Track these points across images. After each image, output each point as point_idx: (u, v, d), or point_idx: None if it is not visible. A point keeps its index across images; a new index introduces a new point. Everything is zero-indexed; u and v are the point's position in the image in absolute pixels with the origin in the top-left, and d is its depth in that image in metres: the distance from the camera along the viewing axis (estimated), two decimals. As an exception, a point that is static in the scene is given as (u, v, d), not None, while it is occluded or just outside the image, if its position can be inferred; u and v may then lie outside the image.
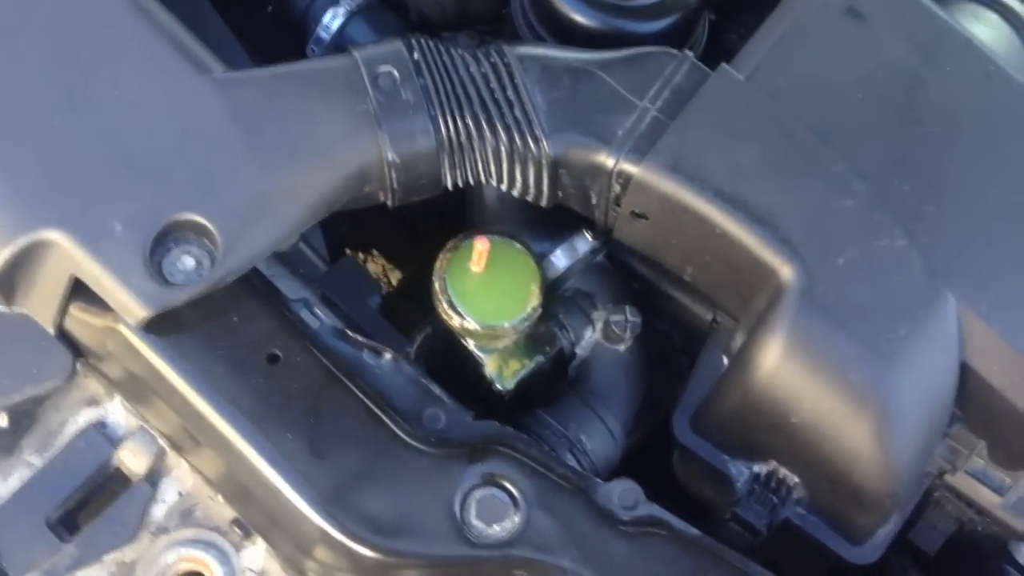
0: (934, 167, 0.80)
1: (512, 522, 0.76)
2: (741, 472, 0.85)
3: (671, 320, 0.95)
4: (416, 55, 0.80)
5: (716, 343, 0.88)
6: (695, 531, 0.79)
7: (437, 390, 0.81)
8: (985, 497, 0.84)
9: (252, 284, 0.80)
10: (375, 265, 1.61)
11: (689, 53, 0.83)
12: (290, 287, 0.83)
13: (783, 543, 0.86)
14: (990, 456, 0.84)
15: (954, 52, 0.82)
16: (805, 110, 0.80)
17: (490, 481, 0.77)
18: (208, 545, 0.80)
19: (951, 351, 0.77)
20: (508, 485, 0.77)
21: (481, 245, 0.81)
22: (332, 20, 0.97)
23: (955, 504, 0.87)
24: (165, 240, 0.75)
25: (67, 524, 0.80)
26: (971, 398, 0.80)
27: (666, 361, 0.97)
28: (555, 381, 0.89)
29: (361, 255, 1.58)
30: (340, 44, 0.98)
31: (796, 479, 0.83)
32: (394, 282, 1.54)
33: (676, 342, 0.97)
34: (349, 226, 1.22)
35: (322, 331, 0.81)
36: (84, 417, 0.82)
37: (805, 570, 0.89)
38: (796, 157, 0.79)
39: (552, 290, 0.88)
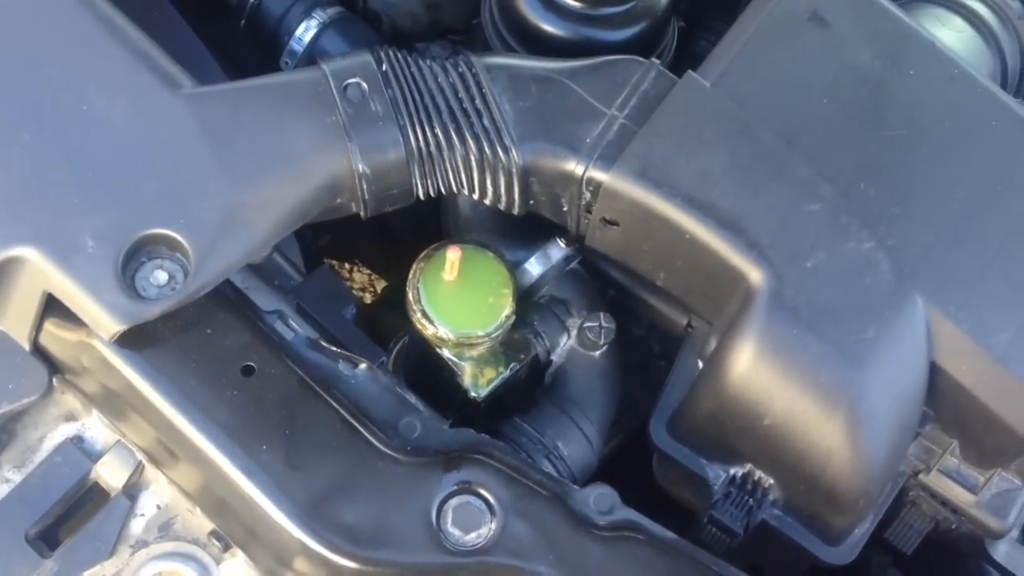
0: (900, 170, 0.80)
1: (488, 529, 0.76)
2: (718, 475, 0.85)
3: (647, 325, 0.95)
4: (384, 67, 0.80)
5: (691, 347, 0.88)
6: (671, 534, 0.79)
7: (413, 399, 0.80)
8: (959, 496, 0.84)
9: (226, 296, 0.79)
10: (361, 275, 1.60)
11: (656, 61, 0.83)
12: (264, 299, 0.82)
13: (761, 545, 0.86)
14: (963, 455, 0.84)
15: (918, 55, 0.82)
16: (771, 115, 0.80)
17: (466, 489, 0.77)
18: (188, 558, 0.80)
19: (920, 351, 0.77)
20: (484, 492, 0.77)
21: (453, 254, 0.80)
22: (305, 32, 0.97)
23: (930, 503, 0.86)
24: (137, 254, 0.75)
25: (46, 539, 0.79)
26: (942, 397, 0.79)
27: (645, 366, 0.97)
28: (531, 388, 0.89)
29: (347, 265, 1.57)
30: (313, 56, 0.98)
31: (771, 481, 0.83)
32: (379, 292, 1.54)
33: (654, 347, 0.97)
34: (331, 237, 1.22)
35: (296, 342, 0.80)
36: (62, 432, 0.81)
37: (784, 571, 0.89)
38: (763, 162, 0.79)
39: (527, 298, 0.88)
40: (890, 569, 0.98)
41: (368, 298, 1.56)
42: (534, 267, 0.88)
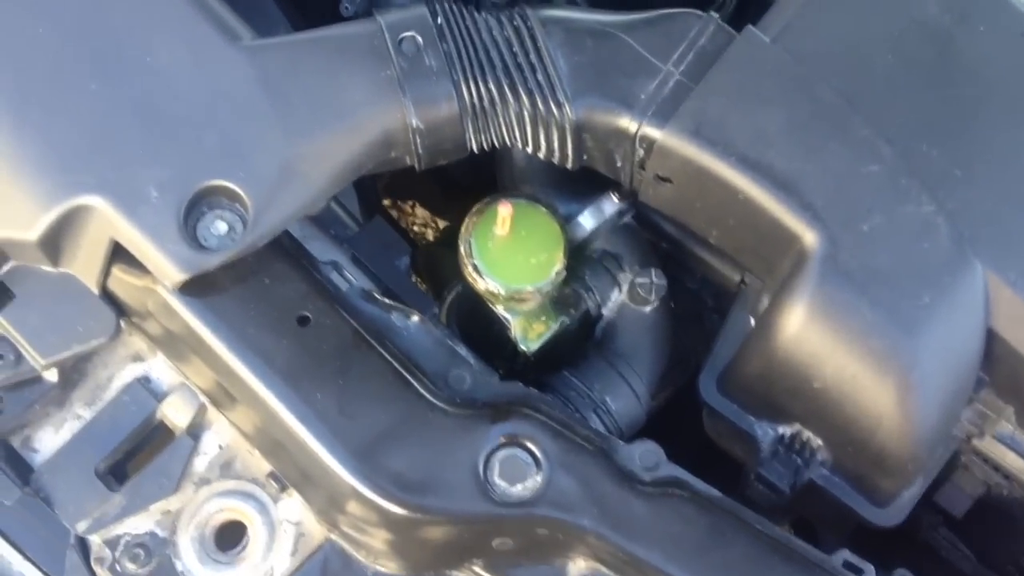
0: (964, 131, 0.77)
1: (534, 482, 0.77)
2: (766, 433, 0.85)
3: (700, 280, 0.95)
4: (439, 20, 0.79)
5: (743, 304, 0.88)
6: (716, 492, 0.79)
7: (463, 351, 0.81)
8: (1013, 462, 0.83)
9: (283, 247, 0.81)
10: (423, 211, 1.61)
11: (714, 14, 0.80)
12: (320, 249, 0.84)
13: (808, 504, 0.86)
14: (1018, 421, 0.82)
15: (988, 10, 0.78)
16: (833, 73, 0.78)
17: (513, 441, 0.77)
18: (247, 496, 0.83)
19: (977, 318, 0.76)
20: (531, 445, 0.77)
21: (504, 210, 0.80)
22: (363, -17, 0.96)
23: (982, 468, 0.85)
24: (198, 205, 0.76)
25: (115, 474, 0.83)
26: (998, 364, 0.78)
27: (698, 319, 0.96)
28: (581, 342, 0.89)
29: (409, 201, 1.58)
30: (374, 1, 0.97)
31: (820, 442, 0.83)
32: (440, 228, 1.55)
33: (707, 301, 0.96)
34: (390, 178, 1.23)
35: (351, 293, 0.82)
36: (129, 372, 0.84)
37: (831, 530, 0.89)
38: (822, 121, 0.77)
39: (578, 251, 0.88)
40: (940, 528, 0.97)
41: (430, 234, 1.57)
42: (587, 221, 0.88)
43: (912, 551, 0.95)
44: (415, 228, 1.60)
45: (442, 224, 1.55)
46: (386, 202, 1.48)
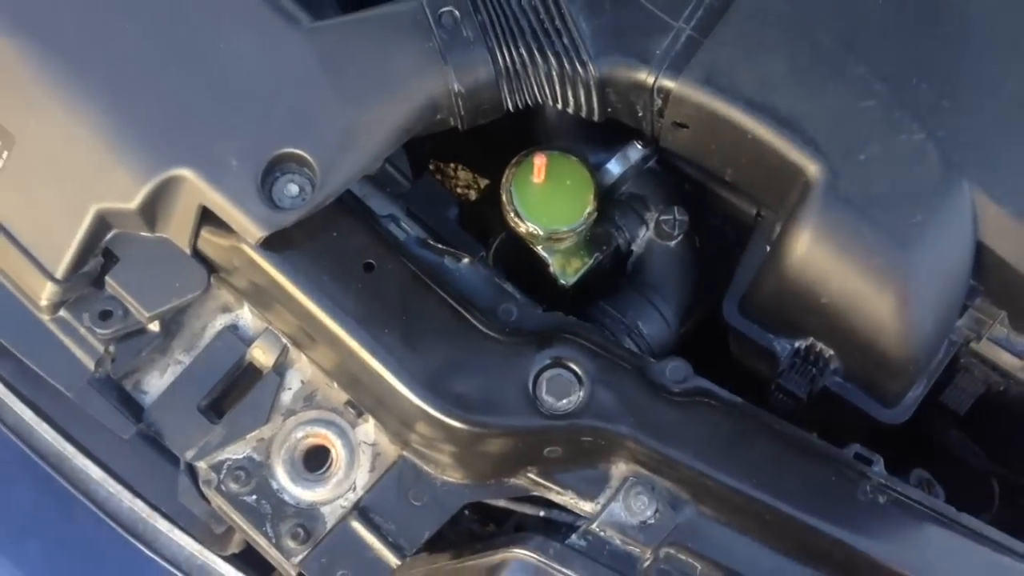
0: (951, 65, 0.83)
1: (577, 396, 0.85)
2: (784, 348, 0.92)
3: (722, 216, 1.02)
4: (473, -6, 0.87)
5: (760, 234, 0.95)
6: (738, 399, 0.87)
7: (509, 288, 0.90)
8: (1007, 361, 0.90)
9: (347, 204, 0.89)
10: (465, 174, 1.69)
11: (720, -27, 0.87)
12: (379, 205, 0.92)
13: (825, 410, 0.94)
14: (1011, 324, 0.89)
15: (971, -46, 0.84)
16: (829, 19, 0.84)
17: (557, 363, 0.85)
18: (329, 423, 0.91)
19: (966, 233, 0.82)
20: (573, 365, 0.85)
21: (539, 160, 0.89)
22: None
23: (981, 369, 0.92)
24: (273, 171, 0.84)
25: (214, 409, 0.91)
26: (989, 273, 0.85)
27: (724, 253, 1.03)
28: (614, 276, 0.97)
29: (452, 166, 1.67)
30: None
31: (831, 352, 0.90)
32: (482, 188, 1.63)
33: (730, 236, 1.03)
34: (435, 142, 1.31)
35: (408, 241, 0.90)
36: (220, 321, 0.92)
37: (848, 437, 0.96)
38: (820, 64, 0.84)
39: (608, 195, 0.96)
40: (952, 430, 1.05)
41: (472, 195, 1.65)
42: (614, 167, 0.95)
43: (927, 454, 1.03)
44: (458, 190, 1.68)
45: (483, 184, 1.63)
46: (431, 167, 1.55)
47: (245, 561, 1.01)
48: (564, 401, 0.85)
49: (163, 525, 1.04)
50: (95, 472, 1.05)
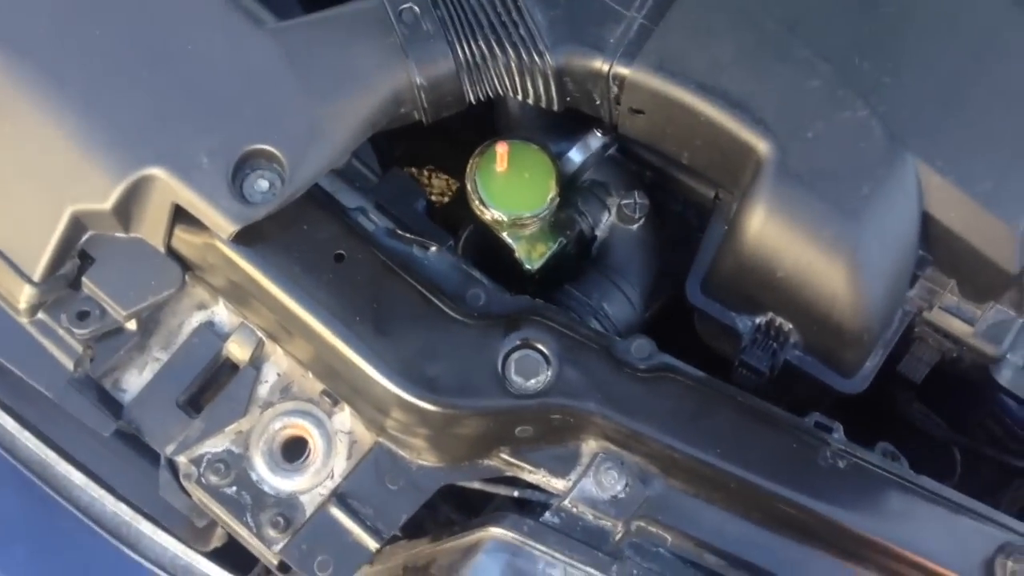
0: (892, 44, 0.87)
1: (545, 376, 0.87)
2: (745, 324, 0.95)
3: (683, 201, 1.05)
4: (432, -10, 0.90)
5: (719, 216, 0.98)
6: (701, 373, 0.90)
7: (477, 274, 0.92)
8: (958, 328, 0.93)
9: (317, 198, 0.91)
10: (439, 180, 1.72)
11: (669, -36, 0.91)
12: (348, 198, 0.95)
13: (788, 385, 0.97)
14: (960, 292, 0.92)
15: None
16: (774, 5, 0.88)
17: (525, 344, 0.88)
18: (305, 414, 0.93)
19: (911, 203, 0.86)
20: (540, 346, 0.88)
21: (501, 148, 0.91)
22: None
23: (935, 337, 0.95)
24: (243, 167, 0.87)
25: (192, 404, 0.93)
26: (937, 243, 0.88)
27: (686, 239, 1.06)
28: (580, 261, 1.00)
29: (424, 172, 1.69)
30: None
31: (790, 325, 0.93)
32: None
33: (692, 221, 1.06)
34: (406, 146, 1.34)
35: (378, 232, 0.93)
36: (196, 318, 0.94)
37: (811, 408, 0.99)
38: (766, 47, 0.87)
39: (571, 183, 0.99)
40: (915, 403, 1.08)
41: (447, 200, 1.67)
42: (576, 155, 0.98)
43: (891, 427, 1.06)
44: (434, 197, 1.70)
45: (456, 190, 1.65)
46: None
47: (227, 559, 1.03)
48: (533, 381, 0.87)
49: (146, 527, 1.05)
50: (77, 477, 1.06)
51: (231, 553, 1.01)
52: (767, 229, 0.87)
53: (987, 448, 1.04)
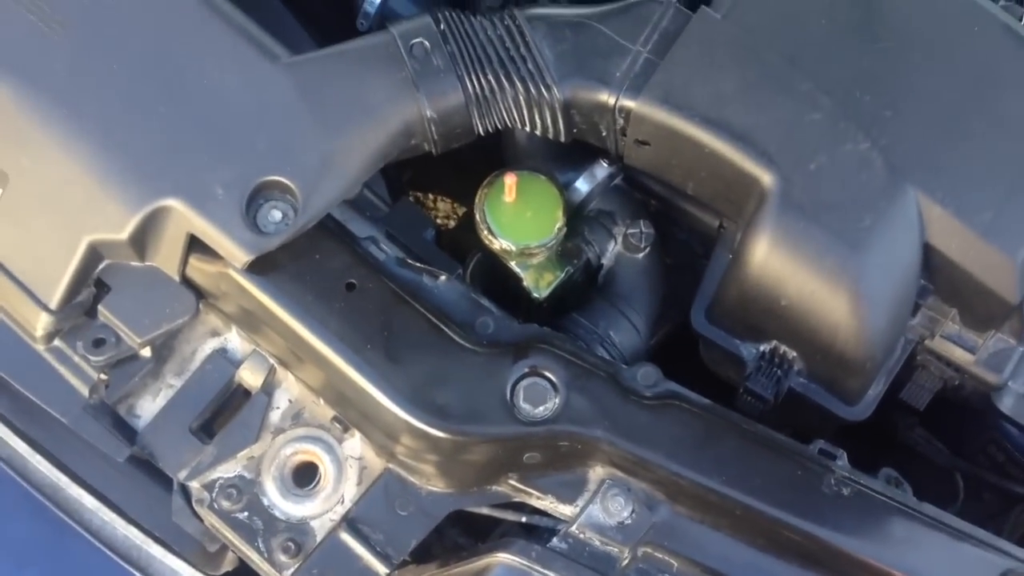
0: (891, 78, 0.89)
1: (553, 403, 0.88)
2: (750, 352, 0.96)
3: (688, 230, 1.06)
4: (442, 26, 0.92)
5: (723, 245, 0.99)
6: (707, 400, 0.91)
7: (485, 302, 0.94)
8: (960, 356, 0.94)
9: (328, 227, 0.93)
10: (444, 204, 1.74)
11: (673, 0, 0.93)
12: (359, 227, 0.96)
13: (792, 411, 0.98)
14: (962, 321, 0.93)
15: (904, -25, 0.90)
16: (776, 39, 0.90)
17: (534, 372, 0.89)
18: (316, 440, 0.94)
19: (912, 234, 0.87)
20: (548, 374, 0.89)
21: (509, 179, 0.93)
22: (376, -6, 1.09)
23: (937, 365, 0.96)
24: (256, 198, 0.88)
25: (205, 430, 0.95)
26: (938, 273, 0.89)
27: (691, 266, 1.08)
28: (586, 289, 1.01)
29: (430, 197, 1.71)
30: (384, 15, 1.10)
31: (794, 353, 0.94)
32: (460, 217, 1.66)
33: (697, 249, 1.08)
34: (413, 173, 1.36)
35: (388, 262, 0.94)
36: (209, 345, 0.95)
37: (815, 434, 1.00)
38: (769, 81, 0.89)
39: (578, 212, 1.00)
40: (916, 429, 1.09)
41: (452, 225, 1.69)
42: (582, 185, 1.00)
43: (894, 453, 1.07)
44: (439, 220, 1.72)
45: (462, 214, 1.67)
46: (411, 198, 1.60)
47: (236, 582, 1.04)
48: (541, 408, 0.88)
49: (156, 551, 1.06)
50: (89, 501, 1.07)
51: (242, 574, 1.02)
52: (771, 259, 0.88)
53: (989, 475, 1.05)
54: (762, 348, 0.96)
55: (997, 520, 1.05)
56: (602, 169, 1.01)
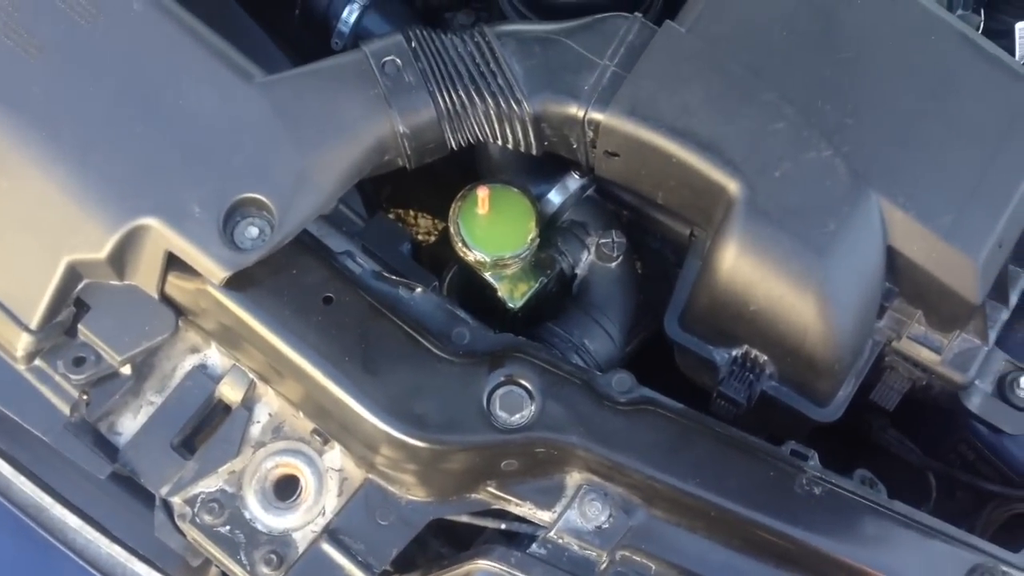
0: (851, 87, 0.91)
1: (529, 411, 0.90)
2: (722, 357, 0.97)
3: (661, 239, 1.08)
4: (414, 44, 0.93)
5: (694, 253, 1.00)
6: (680, 405, 0.93)
7: (461, 313, 0.95)
8: (926, 357, 0.96)
9: (305, 243, 0.94)
10: (425, 220, 1.75)
11: (639, 15, 0.95)
12: (335, 242, 0.97)
13: (765, 415, 0.99)
14: (927, 322, 0.95)
15: (862, -14, 0.92)
16: (739, 51, 0.92)
17: (509, 380, 0.90)
18: (297, 453, 0.95)
19: (876, 237, 0.89)
20: (524, 382, 0.90)
21: (482, 192, 0.95)
22: (349, 15, 1.11)
23: (904, 366, 0.98)
24: (233, 215, 0.89)
25: (187, 446, 0.95)
26: (902, 275, 0.91)
27: (664, 276, 1.10)
28: (561, 299, 1.03)
29: (411, 213, 1.73)
30: (359, 34, 1.12)
31: (765, 357, 0.96)
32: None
33: (670, 258, 1.10)
34: (392, 189, 1.37)
35: (364, 275, 0.95)
36: (189, 362, 0.96)
37: (789, 438, 1.02)
38: (734, 92, 0.91)
39: (551, 223, 1.02)
40: (889, 430, 1.11)
41: (432, 241, 1.70)
42: (555, 197, 1.02)
43: (868, 454, 1.09)
44: (419, 236, 1.74)
45: (441, 228, 1.68)
46: (391, 215, 1.61)
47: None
48: (517, 416, 0.89)
49: (141, 568, 1.06)
50: (72, 520, 1.08)
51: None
52: (739, 265, 0.90)
53: (961, 473, 1.06)
54: (734, 353, 0.97)
55: (970, 517, 1.07)
56: (574, 181, 1.02)
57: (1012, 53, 1.11)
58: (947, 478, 1.08)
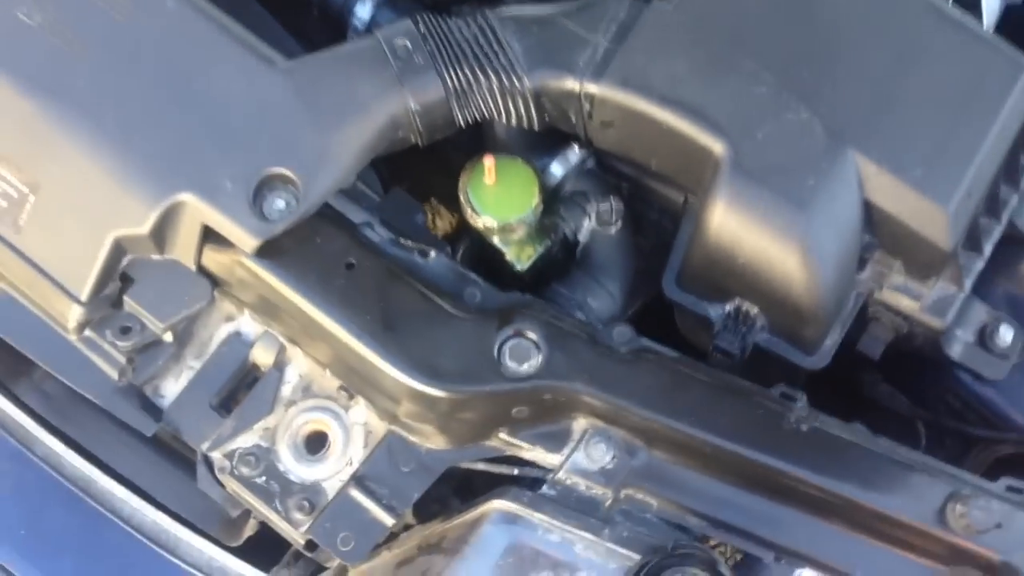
0: (827, 53, 0.97)
1: (537, 360, 0.96)
2: (717, 312, 1.03)
3: (659, 209, 1.14)
4: (422, 28, 1.00)
5: (688, 217, 1.06)
6: (676, 353, 0.99)
7: (472, 275, 1.01)
8: (907, 305, 1.01)
9: (328, 215, 1.00)
10: (442, 222, 1.82)
11: (629, -6, 1.01)
12: (356, 214, 1.04)
13: (759, 367, 1.05)
14: (906, 271, 1.01)
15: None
16: (722, 24, 0.98)
17: (518, 333, 0.96)
18: (325, 409, 1.01)
19: (853, 191, 0.95)
20: (531, 335, 0.96)
21: (488, 162, 1.02)
22: (363, 11, 1.18)
23: (887, 315, 1.03)
24: (262, 190, 0.96)
25: (224, 406, 1.01)
26: (879, 226, 0.97)
27: (664, 242, 1.16)
28: (566, 264, 1.09)
29: (430, 209, 1.79)
30: (371, 30, 1.19)
31: (756, 309, 1.01)
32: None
33: (668, 227, 1.16)
34: (410, 184, 1.44)
35: (382, 243, 1.01)
36: (224, 330, 1.01)
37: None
38: (717, 61, 0.97)
39: (554, 194, 1.08)
40: (881, 385, 1.16)
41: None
42: (557, 169, 1.08)
43: (862, 409, 1.14)
44: (439, 234, 1.80)
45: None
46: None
47: (257, 557, 1.11)
48: (525, 365, 0.95)
49: (183, 533, 1.14)
50: (119, 491, 1.15)
51: (260, 550, 1.10)
52: (727, 221, 0.96)
53: (947, 420, 1.11)
54: (727, 308, 1.03)
55: (958, 462, 1.12)
56: (574, 154, 1.09)
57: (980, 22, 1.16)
58: (936, 426, 1.13)
